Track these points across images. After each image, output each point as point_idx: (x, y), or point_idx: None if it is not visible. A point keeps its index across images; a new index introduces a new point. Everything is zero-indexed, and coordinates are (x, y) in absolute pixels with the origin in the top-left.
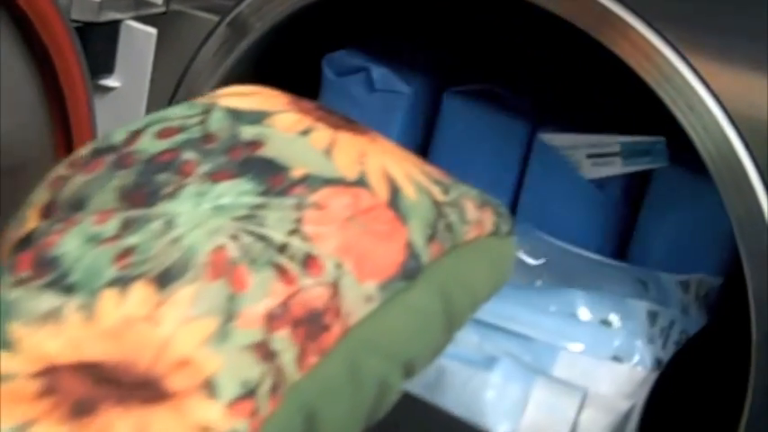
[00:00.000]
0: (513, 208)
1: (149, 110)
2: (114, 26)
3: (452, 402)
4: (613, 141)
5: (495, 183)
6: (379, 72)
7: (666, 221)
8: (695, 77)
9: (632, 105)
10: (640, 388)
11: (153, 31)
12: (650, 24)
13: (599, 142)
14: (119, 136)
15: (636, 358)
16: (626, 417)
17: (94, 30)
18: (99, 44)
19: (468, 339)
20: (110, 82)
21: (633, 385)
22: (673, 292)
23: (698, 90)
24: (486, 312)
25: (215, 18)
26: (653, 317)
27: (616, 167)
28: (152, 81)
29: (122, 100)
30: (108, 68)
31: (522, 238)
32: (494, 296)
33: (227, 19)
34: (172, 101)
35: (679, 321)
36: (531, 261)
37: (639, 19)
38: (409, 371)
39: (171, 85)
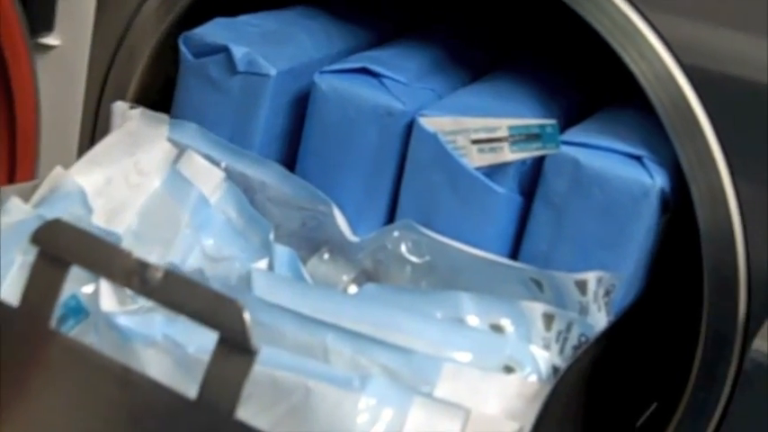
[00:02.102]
0: (394, 201)
1: (91, 67)
2: None
3: (321, 429)
4: (500, 125)
5: (374, 174)
6: (241, 52)
7: (560, 214)
8: (646, 25)
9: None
10: (531, 403)
11: None
12: None
13: (485, 126)
14: None
15: (529, 368)
16: None
17: None
18: (38, 1)
19: (339, 352)
20: (50, 40)
21: (523, 400)
22: (570, 293)
23: (649, 38)
24: (362, 321)
25: None
26: (548, 320)
27: (504, 154)
28: (93, 38)
29: (64, 58)
30: (47, 26)
31: (404, 234)
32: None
33: None
34: (114, 58)
35: (578, 324)
36: (413, 259)
37: None
38: None
39: (113, 43)
